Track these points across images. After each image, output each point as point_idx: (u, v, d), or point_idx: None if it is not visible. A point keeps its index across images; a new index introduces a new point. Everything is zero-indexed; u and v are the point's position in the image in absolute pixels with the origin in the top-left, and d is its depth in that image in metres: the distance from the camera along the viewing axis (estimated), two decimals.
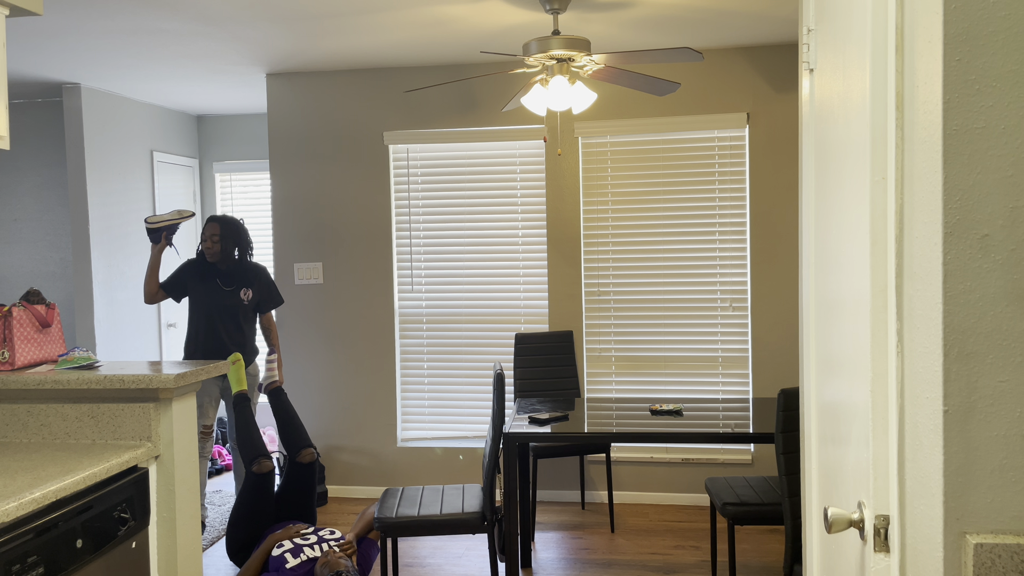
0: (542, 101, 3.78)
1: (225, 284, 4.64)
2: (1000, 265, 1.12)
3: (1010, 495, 1.14)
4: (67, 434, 2.66)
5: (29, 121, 6.01)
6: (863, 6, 1.35)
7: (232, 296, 4.63)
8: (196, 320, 4.62)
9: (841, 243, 1.55)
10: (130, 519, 2.44)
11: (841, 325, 1.57)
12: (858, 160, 1.41)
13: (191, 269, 4.63)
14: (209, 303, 4.58)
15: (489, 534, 3.56)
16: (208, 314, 4.59)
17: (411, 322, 5.39)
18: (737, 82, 4.96)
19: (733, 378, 5.07)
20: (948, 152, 1.13)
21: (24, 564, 1.99)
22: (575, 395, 4.81)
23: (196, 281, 4.61)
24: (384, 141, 5.31)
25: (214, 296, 4.59)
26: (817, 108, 1.78)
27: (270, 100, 5.41)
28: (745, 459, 5.05)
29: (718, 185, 5.03)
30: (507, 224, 5.28)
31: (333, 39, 4.53)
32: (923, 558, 1.21)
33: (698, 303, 5.08)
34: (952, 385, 1.14)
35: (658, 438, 3.61)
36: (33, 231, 6.03)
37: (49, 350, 2.87)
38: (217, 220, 4.62)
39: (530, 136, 5.17)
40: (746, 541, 4.49)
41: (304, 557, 3.53)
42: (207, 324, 4.60)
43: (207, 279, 4.61)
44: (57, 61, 4.91)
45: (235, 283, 4.65)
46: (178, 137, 6.63)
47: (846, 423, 1.53)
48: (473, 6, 3.93)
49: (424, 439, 5.41)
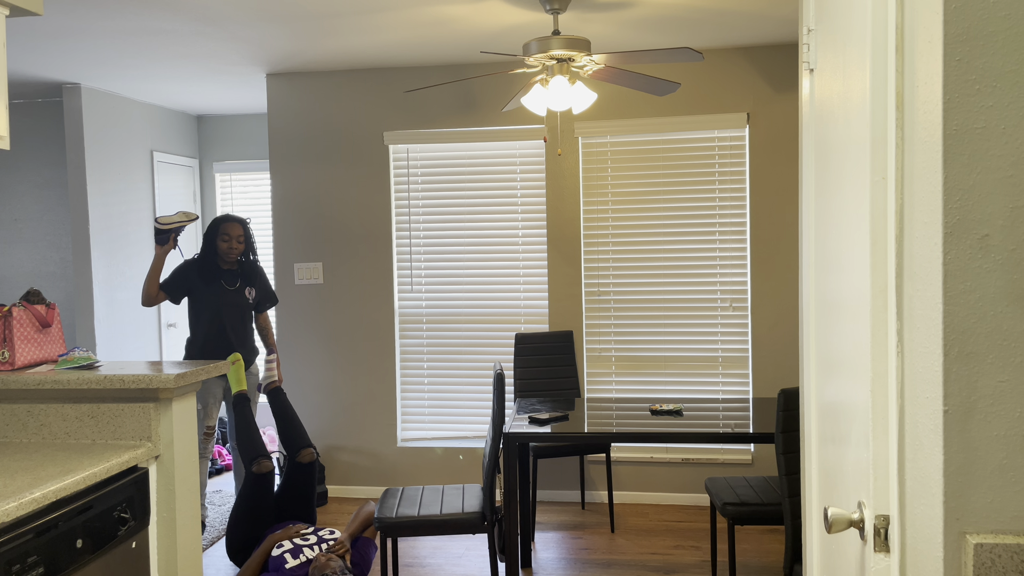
0: (542, 101, 3.78)
1: (229, 284, 4.61)
2: (1000, 265, 1.13)
3: (1010, 495, 1.14)
4: (67, 434, 2.66)
5: (29, 121, 6.01)
6: (863, 6, 1.35)
7: (238, 295, 4.61)
8: (200, 322, 4.57)
9: (841, 243, 1.55)
10: (130, 519, 2.44)
11: (841, 325, 1.57)
12: (858, 160, 1.41)
13: (192, 270, 4.59)
14: (215, 303, 4.54)
15: (489, 534, 3.56)
16: (214, 315, 4.55)
17: (411, 322, 5.39)
18: (737, 82, 4.96)
19: (733, 378, 5.07)
20: (948, 152, 1.13)
21: (24, 564, 1.99)
22: (575, 395, 4.81)
23: (199, 282, 4.57)
24: (384, 141, 5.31)
25: (220, 296, 4.55)
26: (817, 108, 1.78)
27: (270, 100, 5.41)
28: (745, 459, 5.05)
29: (718, 185, 5.03)
30: (507, 224, 5.28)
31: (333, 39, 4.53)
32: (923, 558, 1.21)
33: (698, 303, 5.08)
34: (952, 385, 1.14)
35: (658, 438, 3.61)
36: (33, 231, 6.03)
37: (49, 350, 2.87)
38: (238, 220, 4.57)
39: (530, 136, 5.17)
40: (746, 541, 4.49)
41: (304, 558, 3.53)
42: (213, 325, 4.55)
43: (211, 279, 4.57)
44: (57, 61, 4.92)
45: (240, 282, 4.63)
46: (178, 137, 6.63)
47: (846, 423, 1.53)
48: (473, 6, 3.93)
49: (424, 439, 5.41)
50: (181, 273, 4.60)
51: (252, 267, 4.67)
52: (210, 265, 4.59)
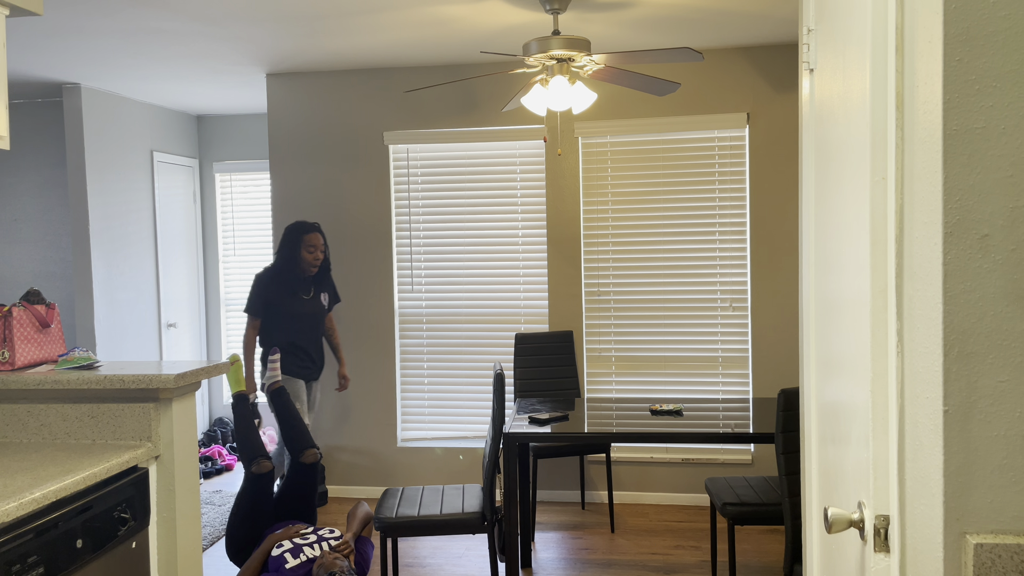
0: (542, 101, 3.78)
1: (305, 293, 4.53)
2: (1000, 265, 1.12)
3: (1010, 495, 1.14)
4: (67, 434, 2.66)
5: (29, 121, 6.01)
6: (863, 6, 1.35)
7: (314, 303, 4.54)
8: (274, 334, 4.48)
9: (841, 243, 1.55)
10: (130, 519, 2.44)
11: (841, 325, 1.57)
12: (858, 160, 1.41)
13: (268, 283, 4.46)
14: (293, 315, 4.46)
15: (489, 534, 3.56)
16: (290, 327, 4.46)
17: (411, 322, 5.39)
18: (737, 82, 4.96)
19: (733, 378, 5.07)
20: (948, 152, 1.13)
21: (24, 564, 1.99)
22: (575, 395, 4.81)
23: (277, 294, 4.46)
24: (384, 141, 5.31)
25: (297, 307, 4.47)
26: (817, 108, 1.78)
27: (270, 100, 5.41)
28: (745, 459, 5.05)
29: (718, 185, 5.03)
30: (507, 224, 5.28)
31: (333, 39, 4.53)
32: (923, 558, 1.21)
33: (698, 303, 5.08)
34: (952, 385, 1.14)
35: (658, 438, 3.61)
36: (33, 231, 6.03)
37: (49, 350, 2.87)
38: (318, 229, 4.51)
39: (530, 136, 5.17)
40: (746, 541, 4.49)
41: (304, 557, 3.52)
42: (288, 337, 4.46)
43: (289, 291, 4.47)
44: (57, 61, 4.92)
45: (314, 290, 4.57)
46: (178, 137, 6.63)
47: (846, 423, 1.53)
48: (473, 6, 3.93)
49: (424, 439, 5.41)
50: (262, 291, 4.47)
51: (326, 272, 4.63)
52: (287, 276, 4.49)
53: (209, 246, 6.93)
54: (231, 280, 6.95)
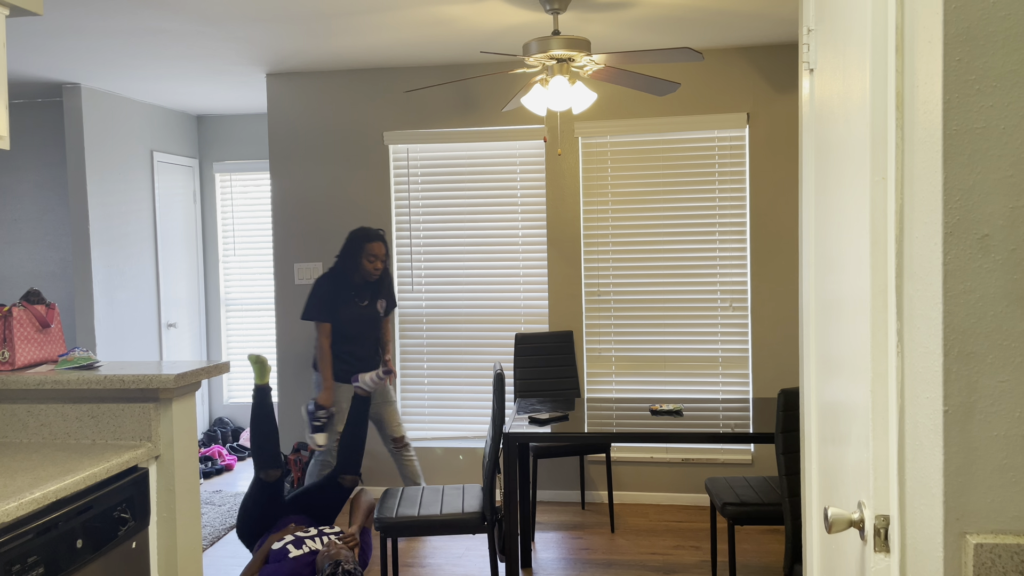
0: (542, 101, 3.78)
1: (361, 299, 4.51)
2: (1000, 265, 1.12)
3: (1010, 495, 1.14)
4: (67, 434, 2.66)
5: (29, 121, 6.01)
6: (863, 6, 1.35)
7: (370, 310, 4.53)
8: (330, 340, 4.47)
9: (841, 243, 1.55)
10: (130, 519, 2.44)
11: (841, 325, 1.57)
12: (858, 160, 1.41)
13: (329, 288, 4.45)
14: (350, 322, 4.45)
15: (489, 534, 3.56)
16: (346, 334, 4.45)
17: (411, 322, 5.39)
18: (737, 82, 4.96)
19: (733, 378, 5.07)
20: (948, 152, 1.13)
21: (24, 564, 1.99)
22: (575, 395, 4.81)
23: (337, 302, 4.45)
24: (384, 141, 5.31)
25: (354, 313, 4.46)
26: (817, 108, 1.78)
27: (270, 100, 5.41)
28: (745, 459, 5.05)
29: (718, 185, 5.03)
30: (507, 224, 5.28)
31: (333, 39, 4.53)
32: (923, 558, 1.21)
33: (698, 303, 5.08)
34: (952, 385, 1.14)
35: (658, 438, 3.61)
36: (33, 231, 6.03)
37: (49, 350, 2.87)
38: (381, 238, 4.47)
39: (530, 136, 5.17)
40: (746, 541, 4.49)
41: (307, 548, 3.53)
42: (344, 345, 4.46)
43: (345, 297, 4.45)
44: (57, 61, 4.92)
45: (370, 296, 4.55)
46: (178, 137, 6.63)
47: (846, 423, 1.53)
48: (473, 6, 3.93)
49: (424, 439, 5.41)
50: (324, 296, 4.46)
51: (385, 278, 4.61)
52: (345, 282, 4.48)
53: (209, 246, 6.93)
54: (231, 280, 6.95)
